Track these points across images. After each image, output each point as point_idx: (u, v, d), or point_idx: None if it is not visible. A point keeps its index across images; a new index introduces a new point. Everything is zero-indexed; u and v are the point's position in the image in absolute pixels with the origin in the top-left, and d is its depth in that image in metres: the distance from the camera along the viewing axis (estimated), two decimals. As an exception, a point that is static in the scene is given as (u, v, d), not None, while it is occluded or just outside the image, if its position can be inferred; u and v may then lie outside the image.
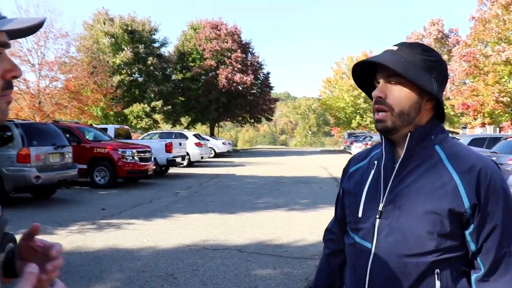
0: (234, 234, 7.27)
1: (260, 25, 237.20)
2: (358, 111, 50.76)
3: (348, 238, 1.46)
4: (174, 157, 17.09)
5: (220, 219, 8.61)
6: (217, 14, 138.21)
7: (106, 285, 4.87)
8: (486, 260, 1.24)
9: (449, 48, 38.70)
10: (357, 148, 28.50)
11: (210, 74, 42.14)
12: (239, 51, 42.21)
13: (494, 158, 11.13)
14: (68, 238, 6.93)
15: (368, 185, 1.40)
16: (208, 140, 28.63)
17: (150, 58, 35.75)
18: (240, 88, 42.54)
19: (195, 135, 24.23)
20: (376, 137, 24.47)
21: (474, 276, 1.27)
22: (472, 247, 1.26)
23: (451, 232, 1.24)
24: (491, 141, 13.51)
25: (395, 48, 1.33)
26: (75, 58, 26.35)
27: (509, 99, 23.99)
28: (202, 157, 23.28)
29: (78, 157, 12.12)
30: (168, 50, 42.44)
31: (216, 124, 48.49)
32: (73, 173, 11.38)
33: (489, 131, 31.76)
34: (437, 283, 1.25)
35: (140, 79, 36.71)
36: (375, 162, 1.42)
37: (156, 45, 39.02)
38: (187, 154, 20.50)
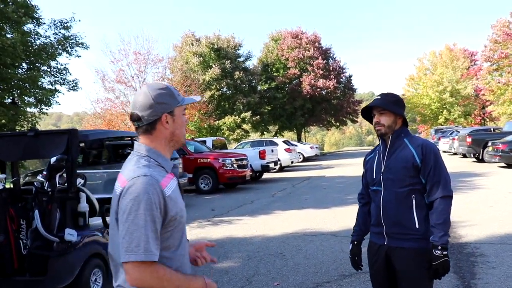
0: (328, 224, 8.53)
1: (341, 27, 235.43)
2: (444, 106, 49.67)
3: (371, 189, 2.92)
4: (267, 163, 18.64)
5: (315, 213, 9.89)
6: (296, 23, 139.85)
7: (231, 261, 6.32)
8: (428, 186, 2.67)
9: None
10: (444, 144, 28.27)
11: (294, 82, 43.68)
12: (320, 57, 43.35)
13: None
14: (192, 231, 8.52)
15: (376, 163, 2.88)
16: (296, 145, 29.91)
17: (237, 72, 37.95)
18: (324, 93, 43.55)
19: (284, 142, 25.66)
20: (463, 132, 24.41)
21: (425, 194, 2.70)
22: (423, 181, 2.70)
23: (414, 175, 2.72)
24: None
25: (379, 97, 2.84)
26: (171, 79, 28.93)
27: None
28: (292, 162, 24.67)
29: (184, 168, 13.91)
30: (252, 63, 44.67)
31: (303, 130, 49.75)
32: (184, 181, 13.21)
33: None
34: (413, 201, 2.71)
35: (229, 93, 39.01)
36: (377, 151, 2.92)
37: (241, 59, 41.26)
38: (279, 159, 21.97)
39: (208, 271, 5.85)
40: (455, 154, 26.57)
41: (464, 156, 24.73)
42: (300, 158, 29.55)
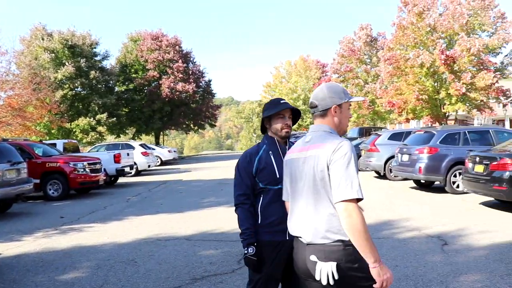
0: (182, 228, 8.54)
1: (201, 32, 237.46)
2: (298, 113, 52.90)
3: (271, 188, 2.98)
4: (122, 167, 18.04)
5: (169, 217, 9.82)
6: (157, 25, 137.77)
7: (79, 271, 5.98)
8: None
9: (378, 50, 41.30)
10: (296, 149, 30.01)
11: (153, 85, 43.02)
12: (180, 61, 43.27)
13: (405, 150, 12.97)
14: (36, 242, 7.89)
15: (275, 162, 2.97)
16: (153, 149, 29.50)
17: (93, 72, 36.23)
18: (183, 97, 43.54)
19: (141, 145, 25.12)
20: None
21: None
22: None
23: None
24: (407, 135, 15.38)
25: (287, 102, 3.02)
26: (17, 76, 26.54)
27: (427, 97, 26.51)
28: (149, 166, 24.22)
29: (30, 173, 12.81)
30: (110, 63, 43.05)
31: (161, 133, 49.19)
32: (29, 187, 12.14)
33: (413, 125, 34.64)
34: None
35: (83, 93, 37.01)
36: (270, 152, 3.02)
37: (98, 58, 39.49)
38: (135, 163, 21.43)
39: (48, 282, 5.48)
40: (305, 158, 28.41)
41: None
42: (158, 162, 29.17)
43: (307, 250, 2.34)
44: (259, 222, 3.00)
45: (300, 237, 2.42)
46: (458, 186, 11.71)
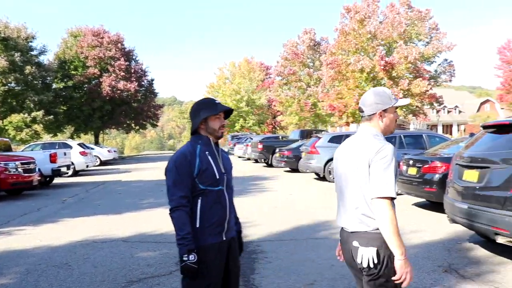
0: (120, 229, 8.34)
1: (144, 31, 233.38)
2: (241, 114, 53.06)
3: (212, 189, 2.88)
4: (59, 167, 17.39)
5: (106, 219, 9.57)
6: (99, 21, 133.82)
7: (6, 278, 5.69)
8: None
9: (321, 54, 42.16)
10: (239, 150, 30.19)
11: (93, 82, 41.82)
12: (122, 59, 42.33)
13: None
14: (-39, 246, 7.45)
15: (213, 163, 2.90)
16: (92, 148, 28.71)
17: (28, 67, 34.59)
18: (124, 96, 42.61)
19: (79, 144, 24.36)
20: (255, 139, 26.42)
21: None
22: None
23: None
24: (346, 138, 15.74)
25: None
26: None
27: (367, 101, 27.43)
28: (87, 166, 23.52)
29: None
30: (47, 58, 41.57)
31: (101, 132, 47.90)
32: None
33: (353, 129, 35.68)
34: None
35: (18, 89, 35.28)
36: (206, 152, 2.94)
37: (34, 53, 37.70)
38: (72, 163, 20.73)
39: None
40: (248, 159, 28.57)
41: (256, 161, 26.76)
42: (97, 161, 28.40)
43: (351, 238, 2.64)
44: (198, 225, 2.81)
45: (345, 228, 2.72)
46: (393, 188, 12.12)
